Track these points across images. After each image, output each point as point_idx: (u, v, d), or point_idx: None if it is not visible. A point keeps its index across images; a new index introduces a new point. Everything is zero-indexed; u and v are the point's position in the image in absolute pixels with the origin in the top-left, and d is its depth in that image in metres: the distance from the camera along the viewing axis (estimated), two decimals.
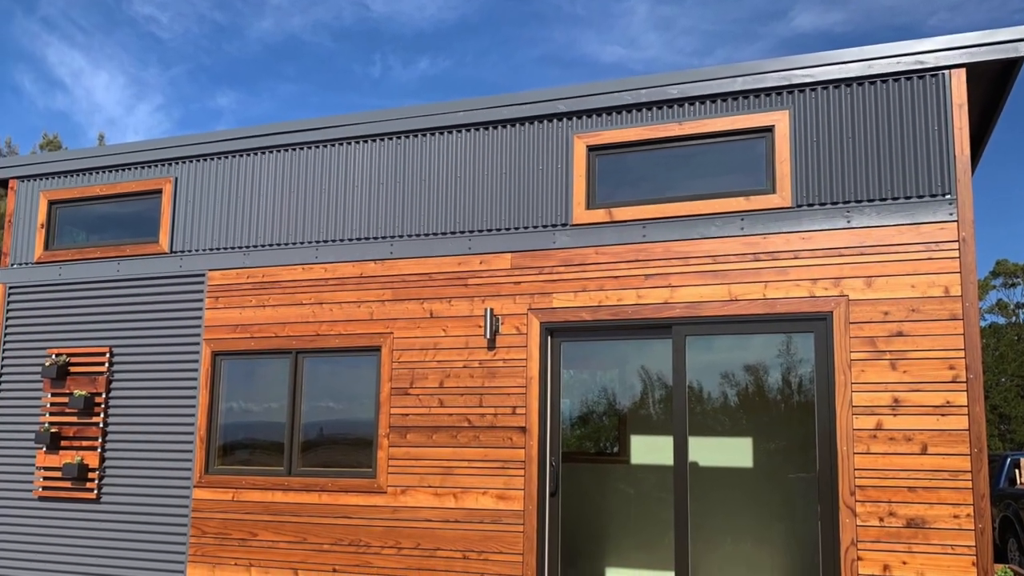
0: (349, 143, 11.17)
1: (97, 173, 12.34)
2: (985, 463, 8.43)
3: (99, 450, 11.58)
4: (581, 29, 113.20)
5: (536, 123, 10.39)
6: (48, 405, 11.95)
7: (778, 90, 9.52)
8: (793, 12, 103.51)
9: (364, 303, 10.67)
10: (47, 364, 11.81)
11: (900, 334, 8.69)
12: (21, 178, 12.80)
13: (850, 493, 8.71)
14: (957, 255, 8.67)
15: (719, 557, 12.19)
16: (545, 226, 10.16)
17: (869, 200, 9.02)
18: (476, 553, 9.83)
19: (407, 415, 10.27)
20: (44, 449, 11.81)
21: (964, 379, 8.48)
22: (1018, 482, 18.59)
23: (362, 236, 10.88)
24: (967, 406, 8.46)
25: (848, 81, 9.28)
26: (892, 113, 9.13)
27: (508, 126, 10.51)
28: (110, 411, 11.65)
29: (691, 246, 9.54)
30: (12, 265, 12.54)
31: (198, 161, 11.84)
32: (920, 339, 8.65)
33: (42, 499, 11.83)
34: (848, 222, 9.01)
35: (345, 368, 10.90)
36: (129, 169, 12.16)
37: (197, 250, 11.59)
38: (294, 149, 11.37)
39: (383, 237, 10.78)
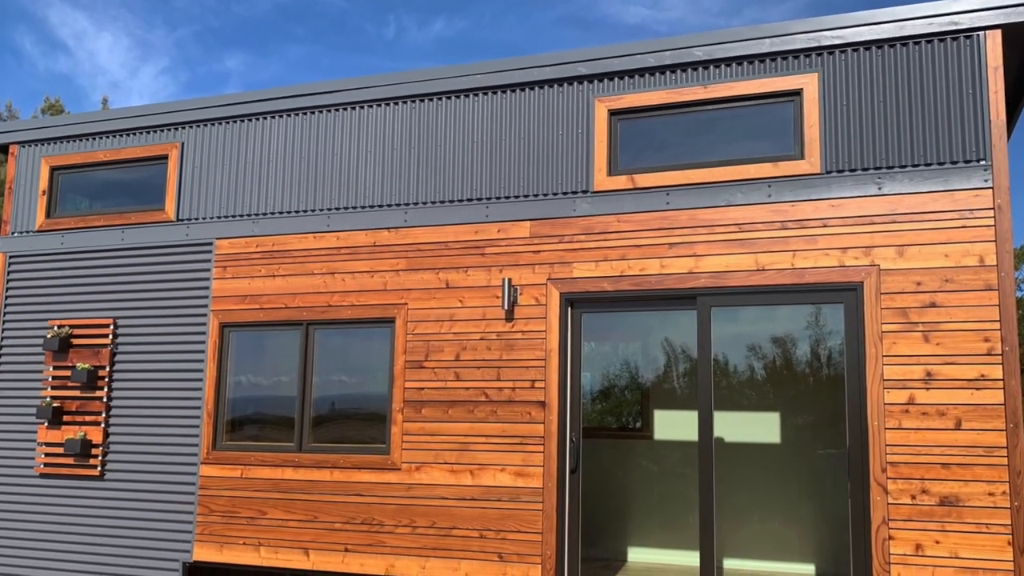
0: (362, 107, 11.25)
1: (101, 138, 12.45)
2: (1021, 438, 8.44)
3: (102, 425, 11.72)
4: None
5: (556, 86, 10.47)
6: (50, 379, 12.09)
7: (807, 52, 9.58)
8: None
9: (377, 273, 10.78)
10: (49, 336, 11.94)
11: (933, 305, 8.74)
12: (22, 143, 12.90)
13: (881, 470, 8.73)
14: (992, 223, 8.71)
15: (746, 536, 12.32)
16: (565, 193, 10.25)
17: (901, 166, 9.07)
18: (494, 532, 9.93)
19: (422, 389, 10.39)
20: (45, 424, 11.96)
21: (999, 352, 8.53)
22: None
23: (375, 203, 10.98)
24: (1002, 379, 8.51)
25: (879, 43, 9.33)
26: (925, 76, 9.17)
27: (527, 89, 10.59)
28: (114, 385, 11.80)
29: (717, 214, 9.59)
30: (12, 233, 12.68)
31: (205, 126, 11.94)
32: (954, 310, 8.69)
33: (43, 476, 11.96)
34: (879, 189, 9.07)
35: (358, 340, 10.99)
36: (134, 134, 12.27)
37: (204, 218, 11.72)
38: (305, 113, 11.48)
39: (397, 204, 10.88)
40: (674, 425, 13.26)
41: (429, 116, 10.96)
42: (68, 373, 11.95)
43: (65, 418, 11.93)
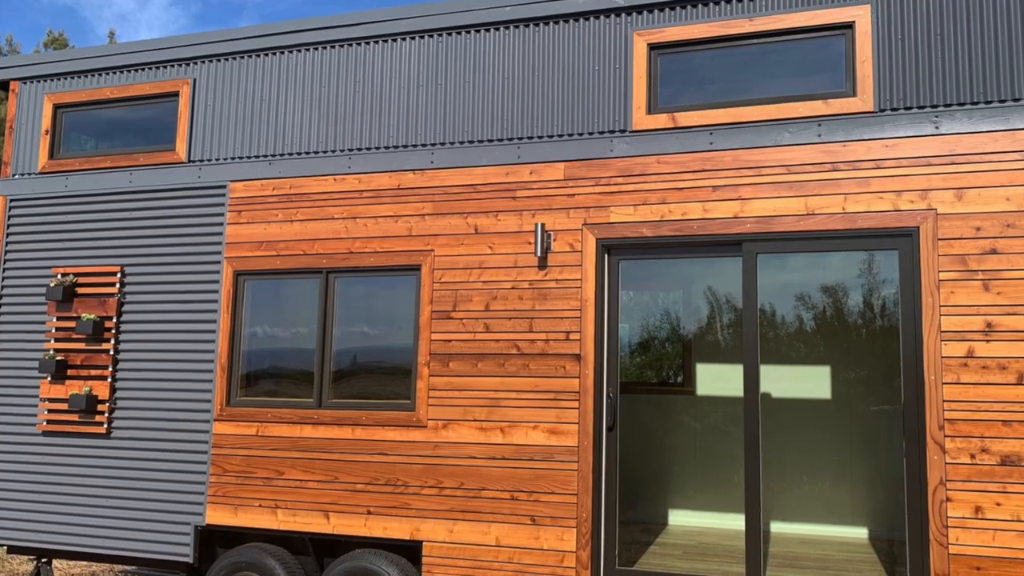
0: (386, 41, 11.34)
1: (107, 74, 12.57)
2: None
3: (109, 380, 11.89)
4: None
5: (592, 19, 10.53)
6: (53, 330, 12.23)
7: None
8: None
9: (402, 218, 10.91)
10: (52, 285, 12.08)
11: (994, 252, 8.79)
12: (23, 80, 13.02)
13: (938, 427, 8.79)
14: None
15: (794, 498, 12.52)
16: (602, 133, 10.33)
17: (959, 104, 9.11)
18: (526, 493, 10.07)
19: (449, 341, 10.54)
20: (48, 379, 12.13)
21: None
22: None
23: (400, 144, 11.09)
24: None
25: None
26: (985, 8, 9.20)
27: (561, 22, 10.66)
28: (121, 337, 11.98)
29: (763, 154, 9.68)
30: (13, 176, 12.83)
31: (219, 61, 12.05)
32: (1016, 257, 8.73)
33: (46, 434, 12.14)
34: (936, 128, 9.12)
35: (381, 289, 11.06)
36: (143, 70, 12.39)
37: (218, 159, 11.85)
38: (325, 48, 11.58)
39: (423, 145, 10.99)
40: (718, 380, 13.38)
41: (458, 50, 11.05)
42: (72, 324, 12.10)
43: (69, 372, 12.08)
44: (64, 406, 12.04)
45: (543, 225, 10.27)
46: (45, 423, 12.16)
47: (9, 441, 12.38)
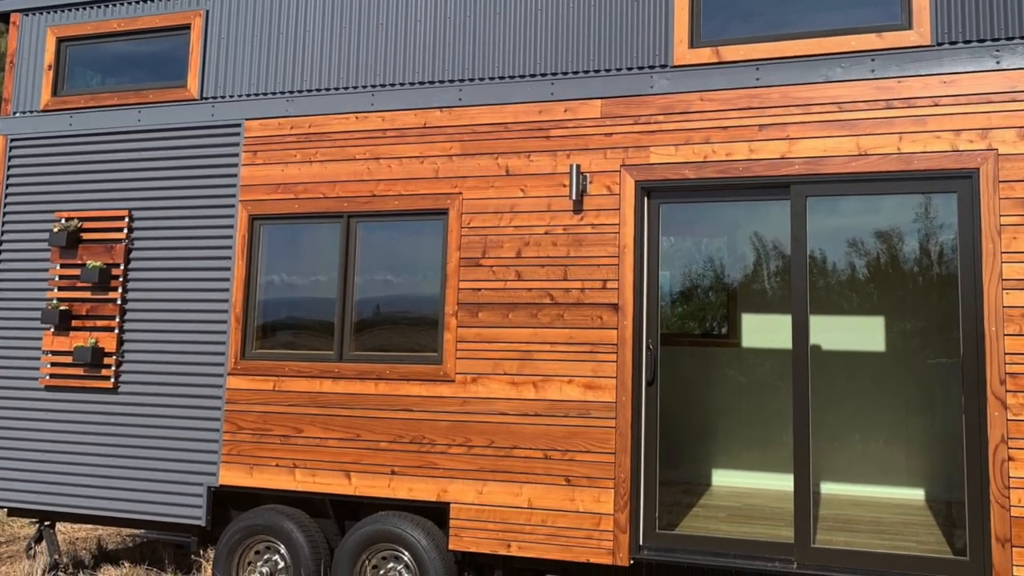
0: None
1: (114, 5, 12.65)
2: None
3: (116, 331, 12.10)
4: None
5: None
6: (56, 278, 12.43)
7: None
8: None
9: (428, 158, 11.03)
10: (55, 230, 12.28)
11: None
12: (24, 11, 13.11)
13: (999, 382, 8.85)
14: None
15: (845, 457, 12.65)
16: (641, 68, 10.42)
17: (1022, 37, 9.17)
18: (560, 452, 10.17)
19: (479, 290, 10.66)
20: (52, 330, 12.34)
21: None
22: None
23: (426, 80, 11.20)
24: None
25: None
26: None
27: None
28: (129, 285, 12.17)
29: (813, 91, 9.74)
30: (14, 113, 12.98)
31: None
32: None
33: (50, 389, 12.36)
34: (997, 63, 9.17)
35: (406, 235, 11.16)
36: (152, 0, 12.48)
37: (232, 96, 11.98)
38: None
39: (451, 81, 11.10)
40: (764, 331, 13.48)
41: None
42: (77, 272, 12.27)
43: (74, 323, 12.29)
44: (68, 359, 12.22)
45: (579, 166, 10.36)
46: (48, 377, 12.33)
47: (10, 396, 12.55)
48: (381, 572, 10.78)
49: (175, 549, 13.50)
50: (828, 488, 12.90)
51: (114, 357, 12.09)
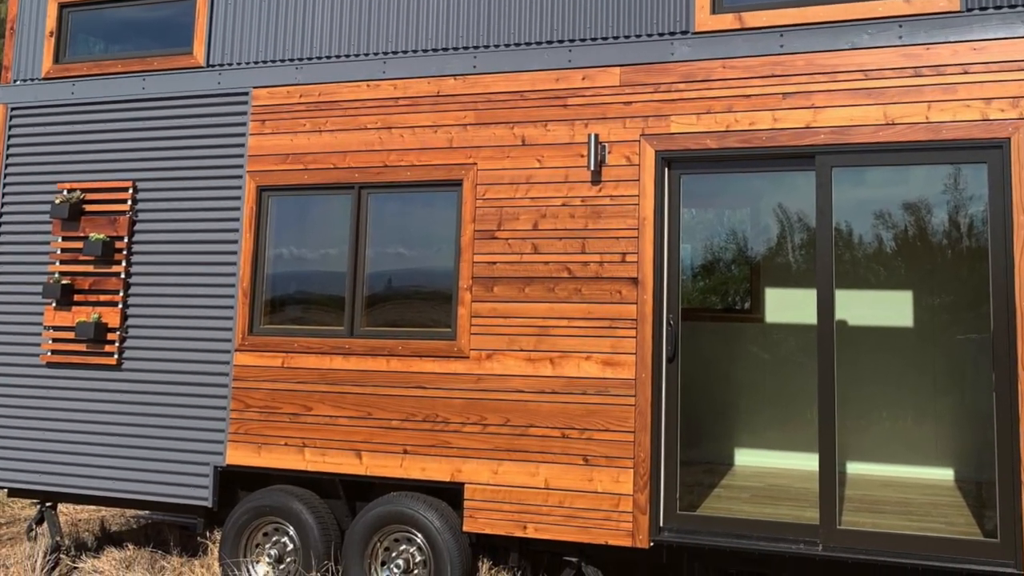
0: None
1: None
2: None
3: (120, 306, 12.13)
4: None
5: None
6: (58, 252, 12.46)
7: None
8: None
9: (442, 128, 11.03)
10: (57, 202, 12.31)
11: None
12: None
13: None
14: None
15: (872, 436, 12.67)
16: (661, 34, 10.40)
17: None
18: (577, 431, 10.19)
19: (494, 264, 10.67)
20: (53, 305, 12.37)
21: None
22: None
23: (440, 47, 11.20)
24: None
25: None
26: None
27: None
28: (133, 259, 12.19)
29: (839, 58, 9.73)
30: (15, 81, 13.01)
31: None
32: None
33: (50, 365, 12.41)
34: None
35: (419, 207, 11.24)
36: None
37: (239, 63, 11.99)
38: None
39: (465, 48, 11.10)
40: (789, 306, 13.50)
41: None
42: (80, 245, 12.28)
43: (76, 297, 12.32)
44: (70, 335, 12.26)
45: (597, 136, 10.35)
46: (49, 353, 12.39)
47: (10, 373, 12.60)
48: (393, 554, 10.84)
49: (180, 531, 13.57)
50: (854, 468, 12.93)
51: (117, 333, 12.11)
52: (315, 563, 10.90)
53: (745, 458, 13.42)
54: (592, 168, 10.31)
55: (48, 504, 12.69)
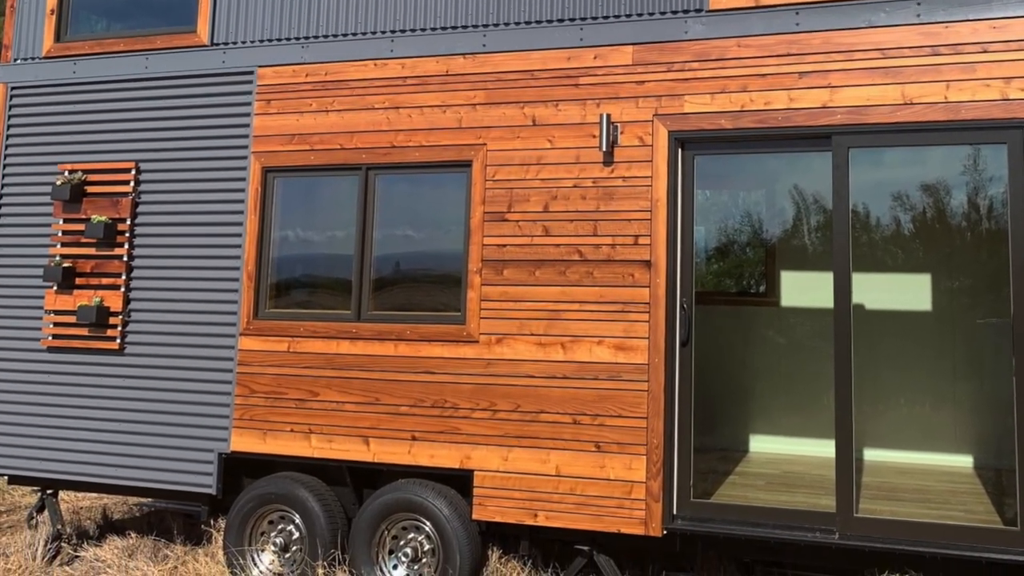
0: None
1: None
2: None
3: (122, 289, 12.12)
4: None
5: None
6: (59, 234, 12.45)
7: None
8: None
9: (451, 107, 11.01)
10: (59, 183, 12.27)
11: None
12: None
13: None
14: None
15: (890, 422, 12.66)
16: (675, 12, 10.37)
17: None
18: (589, 417, 10.17)
19: (504, 246, 10.65)
20: (54, 288, 12.36)
21: None
22: None
23: (449, 25, 11.17)
24: None
25: None
26: None
27: None
28: (136, 241, 12.17)
29: (856, 37, 9.70)
30: (15, 60, 13.00)
31: None
32: None
33: (51, 350, 12.41)
34: None
35: (427, 188, 11.25)
36: None
37: (244, 42, 11.97)
38: None
39: (474, 26, 11.08)
40: (805, 289, 13.50)
41: None
42: (82, 227, 12.25)
43: (78, 281, 12.32)
44: (72, 319, 12.26)
45: (609, 116, 10.33)
46: (50, 338, 12.39)
47: (10, 358, 12.61)
48: (401, 543, 10.85)
49: (184, 519, 13.54)
50: (872, 455, 12.93)
51: (120, 317, 12.10)
52: (321, 551, 10.89)
53: (760, 444, 13.42)
54: (604, 149, 10.27)
55: (49, 491, 12.70)
